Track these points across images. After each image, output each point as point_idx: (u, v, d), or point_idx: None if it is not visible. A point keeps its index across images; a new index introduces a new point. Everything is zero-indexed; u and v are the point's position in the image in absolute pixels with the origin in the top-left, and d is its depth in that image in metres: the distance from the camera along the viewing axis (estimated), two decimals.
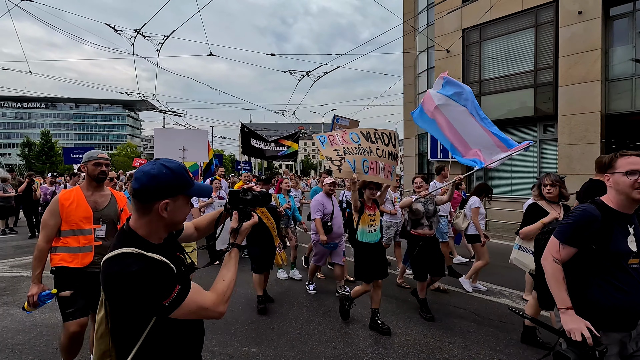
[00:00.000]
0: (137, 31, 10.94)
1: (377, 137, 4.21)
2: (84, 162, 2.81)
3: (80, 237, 2.71)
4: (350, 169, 3.88)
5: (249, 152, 8.83)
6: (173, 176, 1.27)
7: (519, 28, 12.02)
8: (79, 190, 2.80)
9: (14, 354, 3.49)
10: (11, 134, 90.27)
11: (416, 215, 4.56)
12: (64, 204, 2.69)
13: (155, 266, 1.19)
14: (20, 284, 5.70)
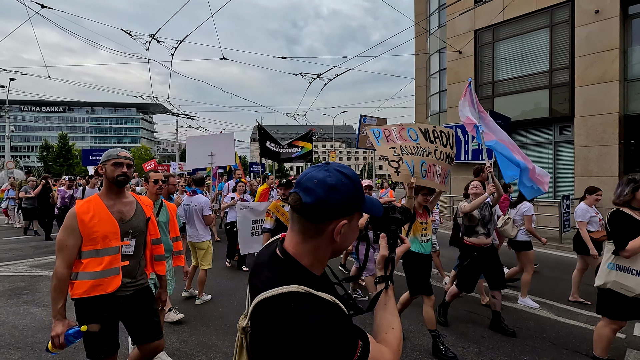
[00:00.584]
0: (152, 36, 11.16)
1: (436, 135, 3.75)
2: (102, 163, 2.34)
3: (105, 258, 2.20)
4: (408, 172, 3.42)
5: (265, 153, 8.74)
6: (354, 188, 0.97)
7: (533, 28, 11.83)
8: (97, 200, 2.28)
9: (34, 352, 3.58)
10: (30, 137, 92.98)
11: (472, 222, 4.08)
12: (84, 219, 2.18)
13: (335, 315, 0.91)
14: (40, 284, 5.86)
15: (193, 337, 3.93)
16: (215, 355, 3.52)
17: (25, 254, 8.09)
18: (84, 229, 2.18)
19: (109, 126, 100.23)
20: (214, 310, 4.71)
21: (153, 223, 2.58)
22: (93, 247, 2.19)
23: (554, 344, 3.75)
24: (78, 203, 2.27)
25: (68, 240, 2.17)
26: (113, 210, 2.28)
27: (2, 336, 3.92)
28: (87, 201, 2.28)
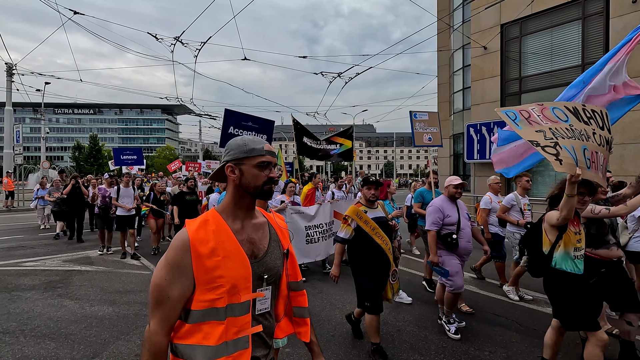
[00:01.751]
0: (177, 38, 11.45)
1: (589, 115, 2.92)
2: (235, 159, 1.36)
3: (231, 323, 1.28)
4: (572, 161, 2.57)
5: (303, 150, 8.10)
6: None
7: (564, 21, 11.33)
8: (219, 220, 1.34)
9: (67, 343, 3.74)
10: (63, 138, 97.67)
11: (601, 229, 3.30)
12: (202, 253, 1.25)
13: None
14: (73, 278, 6.13)
15: None
16: None
17: (59, 249, 8.49)
18: (200, 270, 1.24)
19: (135, 127, 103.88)
20: None
21: (293, 258, 1.59)
22: (211, 305, 1.25)
23: None
24: (189, 224, 1.31)
25: (171, 288, 1.23)
26: (242, 238, 1.35)
27: (38, 327, 4.11)
28: (202, 222, 1.31)
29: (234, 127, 6.05)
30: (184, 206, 7.82)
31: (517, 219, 5.20)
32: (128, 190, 7.85)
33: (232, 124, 6.03)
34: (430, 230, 3.92)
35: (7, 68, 19.41)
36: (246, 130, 6.18)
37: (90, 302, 4.97)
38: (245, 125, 6.15)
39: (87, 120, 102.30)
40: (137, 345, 3.69)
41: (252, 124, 6.15)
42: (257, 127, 6.20)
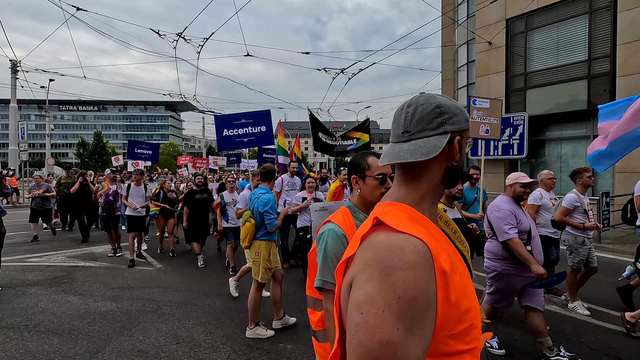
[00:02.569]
0: (179, 35, 11.43)
1: None
2: (461, 129, 0.86)
3: None
4: None
5: (319, 146, 7.55)
6: None
7: (570, 15, 11.17)
8: (411, 212, 0.81)
9: (71, 338, 3.76)
10: (68, 135, 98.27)
11: None
12: (445, 270, 0.69)
13: None
14: (77, 273, 6.16)
15: (219, 329, 4.01)
16: (239, 347, 3.57)
17: (64, 245, 8.54)
18: (446, 303, 0.69)
19: (139, 124, 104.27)
20: (238, 304, 4.79)
21: None
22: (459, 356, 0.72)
23: (593, 349, 3.54)
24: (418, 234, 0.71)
25: (409, 346, 0.63)
26: None
27: (42, 322, 4.14)
28: (407, 217, 0.78)
29: (227, 129, 5.95)
30: (194, 206, 7.03)
31: (581, 221, 4.48)
32: (139, 189, 7.30)
33: (226, 127, 5.95)
34: (513, 238, 3.21)
35: (12, 65, 19.50)
36: (242, 127, 6.02)
37: (94, 297, 4.99)
38: (239, 124, 5.99)
39: (92, 117, 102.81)
40: (139, 341, 3.71)
41: (246, 120, 5.96)
42: (252, 122, 5.97)
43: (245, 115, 5.93)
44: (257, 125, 5.95)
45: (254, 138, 5.97)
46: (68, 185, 10.00)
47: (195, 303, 4.80)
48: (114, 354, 3.44)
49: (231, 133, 5.89)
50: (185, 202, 7.14)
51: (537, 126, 12.31)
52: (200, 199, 7.11)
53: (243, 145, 5.86)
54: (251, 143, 6.01)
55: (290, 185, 6.89)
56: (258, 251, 3.85)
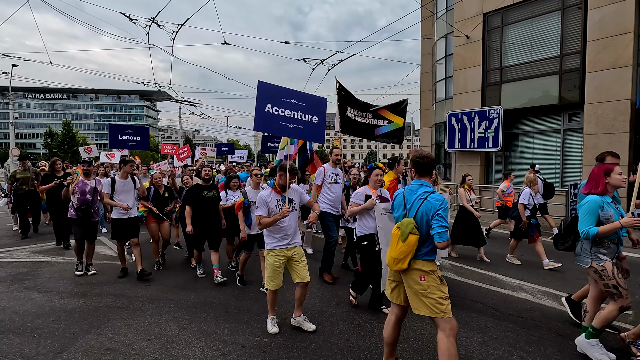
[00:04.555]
0: (152, 20, 10.95)
1: None
2: None
3: None
4: None
5: (346, 127, 6.22)
6: None
7: (544, 11, 11.44)
8: None
9: (33, 338, 3.56)
10: (35, 124, 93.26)
11: None
12: None
13: None
14: (42, 269, 5.86)
15: (192, 324, 3.90)
16: (214, 343, 3.49)
17: (29, 240, 8.11)
18: None
19: (113, 113, 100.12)
20: (214, 298, 4.68)
21: None
22: None
23: (561, 334, 3.67)
24: None
25: None
26: None
27: (2, 322, 3.90)
28: None
29: (272, 105, 4.23)
30: (201, 206, 5.40)
31: None
32: (127, 184, 5.55)
33: (270, 101, 4.25)
34: None
35: None
36: (290, 109, 4.36)
37: (60, 294, 4.76)
38: (287, 103, 4.40)
39: (60, 105, 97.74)
40: (108, 338, 3.56)
41: (297, 100, 4.43)
42: (303, 106, 4.43)
43: (298, 96, 4.44)
44: (309, 113, 4.47)
45: (301, 128, 4.35)
46: (26, 180, 8.16)
47: (168, 298, 4.66)
48: (80, 353, 3.28)
49: (275, 111, 4.26)
50: (189, 200, 5.46)
51: (511, 120, 12.64)
52: (209, 197, 5.48)
53: (286, 131, 4.29)
54: (297, 133, 4.39)
55: (334, 178, 5.50)
56: (424, 275, 2.65)
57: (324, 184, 5.48)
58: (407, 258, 2.64)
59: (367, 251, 4.27)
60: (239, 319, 4.04)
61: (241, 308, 4.35)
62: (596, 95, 10.23)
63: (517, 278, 5.48)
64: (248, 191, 5.17)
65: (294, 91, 4.43)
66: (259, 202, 3.72)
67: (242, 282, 5.21)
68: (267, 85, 4.23)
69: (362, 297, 4.50)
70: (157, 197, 6.03)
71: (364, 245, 4.27)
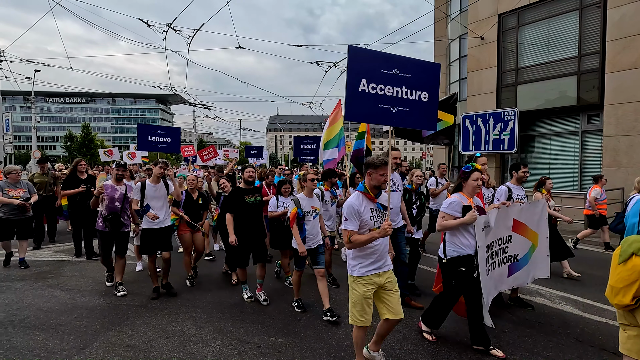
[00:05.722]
0: (169, 25, 11.21)
1: None
2: None
3: None
4: None
5: (399, 130, 5.64)
6: None
7: (561, 11, 11.23)
8: None
9: (57, 334, 3.69)
10: (55, 127, 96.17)
11: None
12: None
13: None
14: (64, 268, 6.05)
15: (209, 323, 3.97)
16: (230, 342, 3.55)
17: (51, 239, 8.35)
18: None
19: (129, 117, 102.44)
20: (229, 298, 4.75)
21: None
22: None
23: (579, 340, 3.60)
24: None
25: None
26: None
27: (28, 318, 4.06)
28: None
29: (368, 81, 2.94)
30: (244, 213, 4.55)
31: None
32: (159, 188, 4.81)
33: (365, 76, 2.94)
34: None
35: None
36: (391, 84, 3.04)
37: (82, 292, 4.91)
38: (388, 76, 3.03)
39: (80, 109, 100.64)
40: (128, 335, 3.66)
41: (401, 71, 3.07)
42: (409, 78, 3.12)
43: (402, 63, 3.08)
44: (417, 89, 3.16)
45: (407, 111, 3.09)
46: (43, 185, 7.41)
47: (185, 297, 4.75)
48: (101, 349, 3.39)
49: (373, 89, 2.97)
50: (230, 206, 4.59)
51: (527, 121, 12.43)
52: (253, 202, 4.64)
53: (388, 118, 3.04)
54: (401, 119, 3.11)
55: (392, 184, 4.33)
56: None
57: None
58: (630, 289, 1.99)
59: (464, 278, 3.32)
60: (254, 319, 4.09)
61: (256, 308, 4.41)
62: (616, 96, 9.98)
63: (534, 283, 5.38)
64: (300, 199, 4.31)
65: (396, 57, 3.11)
66: (349, 213, 2.76)
67: (301, 307, 4.31)
68: (360, 51, 2.99)
69: None
70: (189, 203, 5.34)
71: (461, 272, 3.32)
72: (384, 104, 2.99)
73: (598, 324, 3.98)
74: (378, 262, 2.86)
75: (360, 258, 2.85)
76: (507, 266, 3.79)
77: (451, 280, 3.43)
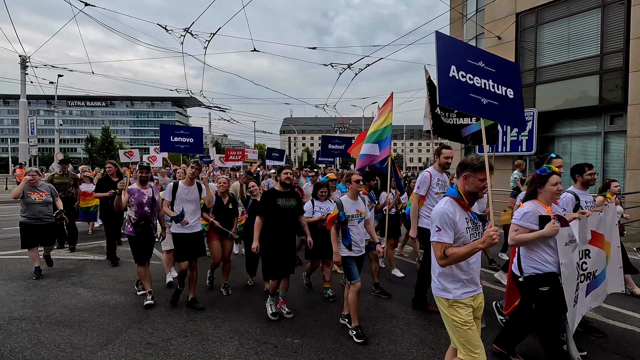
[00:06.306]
0: (186, 30, 11.44)
1: None
2: None
3: None
4: None
5: (439, 129, 5.41)
6: None
7: (582, 9, 10.95)
8: None
9: (81, 330, 3.81)
10: (77, 130, 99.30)
11: None
12: None
13: None
14: (86, 267, 6.24)
15: (226, 323, 4.03)
16: (247, 341, 3.59)
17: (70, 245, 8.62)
18: None
19: (146, 119, 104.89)
20: (245, 298, 4.81)
21: None
22: None
23: (604, 347, 3.50)
24: None
25: None
26: None
27: (53, 314, 4.20)
28: None
29: (457, 69, 2.83)
30: (276, 218, 4.13)
31: None
32: (191, 191, 4.51)
33: (455, 63, 2.83)
34: None
35: (21, 61, 19.70)
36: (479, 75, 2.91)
37: (103, 290, 5.06)
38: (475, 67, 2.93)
39: (99, 112, 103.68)
40: (148, 333, 3.75)
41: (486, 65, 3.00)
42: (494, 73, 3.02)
43: (486, 58, 3.03)
44: (503, 84, 3.05)
45: (496, 104, 2.95)
46: (63, 186, 7.26)
47: (202, 297, 4.82)
48: (123, 346, 3.48)
49: (462, 77, 2.85)
50: (260, 209, 4.22)
51: (547, 122, 12.15)
52: (287, 207, 4.18)
53: (479, 108, 2.87)
54: (491, 111, 2.94)
55: (442, 186, 4.26)
56: None
57: (429, 194, 4.25)
58: None
59: (546, 300, 2.85)
60: (271, 319, 4.13)
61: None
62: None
63: None
64: (344, 201, 3.88)
65: (480, 51, 3.17)
66: (442, 222, 2.29)
67: (361, 336, 3.61)
68: (447, 38, 2.96)
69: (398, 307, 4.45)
70: (220, 208, 4.98)
71: (543, 292, 2.84)
72: (474, 94, 2.86)
73: (623, 331, 3.86)
74: (474, 282, 2.39)
75: (454, 278, 2.35)
76: (585, 284, 3.26)
77: (530, 302, 2.94)
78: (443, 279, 2.37)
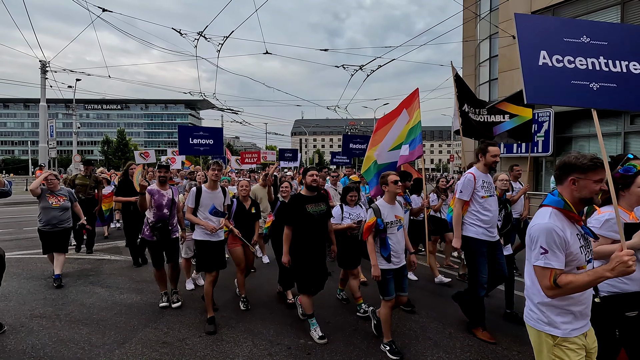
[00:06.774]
0: (200, 34, 11.61)
1: None
2: None
3: None
4: None
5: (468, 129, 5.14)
6: None
7: (601, 6, 10.70)
8: None
9: (99, 329, 3.89)
10: (93, 132, 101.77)
11: None
12: None
13: None
14: (103, 266, 6.37)
15: (240, 323, 4.06)
16: (260, 342, 3.61)
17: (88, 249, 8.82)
18: None
19: (160, 122, 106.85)
20: (258, 299, 4.83)
21: None
22: None
23: None
24: None
25: None
26: None
27: (72, 313, 4.31)
28: None
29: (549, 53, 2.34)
30: (305, 226, 3.76)
31: None
32: (216, 196, 4.16)
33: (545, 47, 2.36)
34: None
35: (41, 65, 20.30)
36: (583, 55, 2.37)
37: (120, 290, 5.15)
38: (577, 45, 2.40)
39: (115, 115, 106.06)
40: (163, 333, 3.80)
41: (593, 39, 2.43)
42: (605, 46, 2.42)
43: (591, 28, 2.45)
44: (621, 58, 2.42)
45: (614, 87, 2.33)
46: (84, 188, 7.23)
47: (217, 297, 4.87)
48: (140, 345, 3.54)
49: (558, 62, 2.34)
50: (289, 217, 3.83)
51: (564, 123, 11.88)
52: (316, 213, 3.80)
53: (589, 98, 2.29)
54: (608, 98, 2.32)
55: (487, 189, 3.78)
56: None
57: (474, 199, 3.74)
58: None
59: (632, 327, 2.33)
60: (284, 321, 4.14)
61: (285, 310, 4.46)
62: None
63: None
64: (381, 206, 3.43)
65: (582, 22, 2.51)
66: (549, 242, 1.80)
67: (396, 352, 3.33)
68: (532, 18, 2.49)
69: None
70: (241, 213, 4.63)
71: (629, 318, 2.33)
72: (578, 80, 2.29)
73: None
74: (585, 316, 1.91)
75: (559, 308, 1.86)
76: None
77: (612, 327, 2.38)
78: (549, 310, 1.88)
